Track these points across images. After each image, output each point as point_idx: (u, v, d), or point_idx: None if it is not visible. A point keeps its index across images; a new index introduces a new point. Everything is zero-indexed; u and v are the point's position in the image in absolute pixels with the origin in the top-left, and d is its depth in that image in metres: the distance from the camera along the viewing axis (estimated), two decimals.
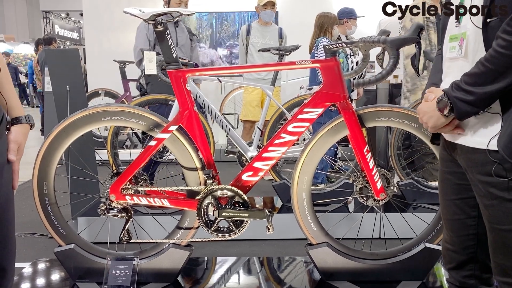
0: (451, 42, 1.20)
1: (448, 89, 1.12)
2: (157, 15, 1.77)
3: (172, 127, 1.82)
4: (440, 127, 1.18)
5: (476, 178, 1.12)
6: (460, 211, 1.26)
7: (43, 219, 1.90)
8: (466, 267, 1.30)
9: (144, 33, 3.23)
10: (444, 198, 1.31)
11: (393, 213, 2.31)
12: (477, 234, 1.25)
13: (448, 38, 1.23)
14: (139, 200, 1.87)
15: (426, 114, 1.21)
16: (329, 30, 3.79)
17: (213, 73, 2.22)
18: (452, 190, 1.27)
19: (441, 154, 1.32)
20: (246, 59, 4.39)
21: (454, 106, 1.09)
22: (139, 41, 3.26)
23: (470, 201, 1.23)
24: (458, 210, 1.27)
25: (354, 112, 1.78)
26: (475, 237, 1.26)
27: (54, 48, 6.87)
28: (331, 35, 3.78)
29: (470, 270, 1.29)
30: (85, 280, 1.91)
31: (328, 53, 1.75)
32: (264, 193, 3.51)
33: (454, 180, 1.26)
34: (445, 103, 1.11)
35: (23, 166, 1.17)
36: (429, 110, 1.19)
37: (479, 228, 1.23)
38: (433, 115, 1.17)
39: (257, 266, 2.19)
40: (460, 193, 1.25)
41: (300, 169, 1.85)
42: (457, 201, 1.26)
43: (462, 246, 1.28)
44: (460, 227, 1.28)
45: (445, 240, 1.35)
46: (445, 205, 1.31)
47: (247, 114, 4.44)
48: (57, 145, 1.85)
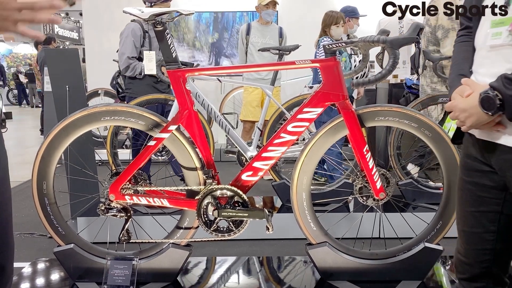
0: (496, 27, 1.04)
1: (497, 83, 0.99)
2: (157, 15, 1.77)
3: (171, 127, 1.82)
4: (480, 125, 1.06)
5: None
6: (478, 224, 1.17)
7: (42, 219, 1.89)
8: (479, 280, 1.21)
9: (131, 40, 3.21)
10: (462, 208, 1.22)
11: (392, 212, 2.31)
12: (494, 250, 1.16)
13: (490, 24, 1.07)
14: (138, 200, 1.87)
15: (464, 112, 1.06)
16: (327, 29, 3.77)
17: (213, 72, 2.22)
18: (472, 201, 1.17)
19: (464, 162, 1.20)
20: (245, 58, 4.39)
21: (506, 105, 0.96)
22: (126, 48, 3.22)
23: (490, 215, 1.14)
24: (476, 223, 1.17)
25: (354, 112, 1.78)
26: (492, 252, 1.16)
27: (54, 48, 6.87)
28: (330, 34, 3.76)
29: (483, 283, 1.21)
30: (84, 280, 1.91)
31: (327, 53, 1.75)
32: (264, 193, 3.51)
33: (476, 192, 1.16)
34: (492, 100, 0.98)
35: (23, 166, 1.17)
36: (469, 107, 1.05)
37: (497, 243, 1.15)
38: (474, 113, 1.03)
39: (256, 266, 2.19)
40: (481, 206, 1.15)
41: (300, 169, 1.85)
42: (476, 213, 1.17)
43: (477, 260, 1.19)
44: (476, 240, 1.18)
45: (458, 251, 1.26)
46: (462, 216, 1.22)
47: (247, 114, 4.43)
48: (56, 145, 1.85)
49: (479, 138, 1.12)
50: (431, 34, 3.35)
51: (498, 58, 1.04)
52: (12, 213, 1.15)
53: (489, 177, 1.12)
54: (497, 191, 1.12)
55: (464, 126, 1.09)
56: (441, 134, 1.81)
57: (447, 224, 1.88)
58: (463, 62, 1.18)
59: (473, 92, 1.05)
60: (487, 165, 1.12)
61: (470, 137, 1.17)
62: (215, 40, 6.19)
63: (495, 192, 1.12)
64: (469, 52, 1.16)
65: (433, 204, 2.76)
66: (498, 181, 1.10)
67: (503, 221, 1.13)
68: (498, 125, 1.04)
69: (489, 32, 1.07)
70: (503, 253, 1.15)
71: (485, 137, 1.10)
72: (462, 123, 1.09)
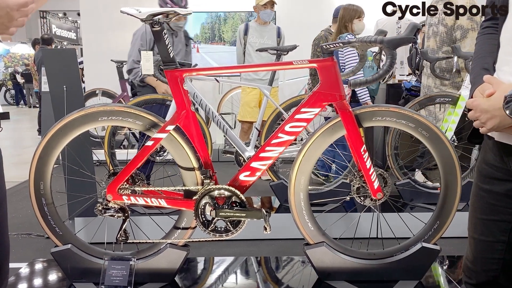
0: None
1: None
2: (154, 15, 1.77)
3: (169, 127, 1.82)
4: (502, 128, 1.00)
5: None
6: (489, 232, 1.13)
7: (39, 219, 1.89)
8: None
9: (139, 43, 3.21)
10: (473, 214, 1.18)
11: (390, 212, 2.32)
12: (503, 260, 1.12)
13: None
14: (136, 200, 1.86)
15: (486, 113, 1.00)
16: (348, 24, 3.48)
17: (211, 73, 2.22)
18: (484, 209, 1.14)
19: (480, 167, 1.16)
20: (243, 59, 4.38)
21: None
22: (133, 51, 3.24)
23: (501, 225, 1.10)
24: (486, 231, 1.14)
25: (351, 112, 1.79)
26: (500, 261, 1.12)
27: (51, 48, 6.86)
28: (352, 30, 3.48)
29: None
30: (82, 280, 1.91)
31: (325, 53, 1.75)
32: (262, 193, 3.51)
33: (489, 200, 1.12)
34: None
35: (20, 166, 1.16)
36: (492, 109, 0.98)
37: (506, 254, 1.11)
38: (496, 116, 0.97)
39: (254, 266, 2.19)
40: (493, 214, 1.11)
41: (298, 169, 1.85)
42: (487, 221, 1.13)
43: (484, 268, 1.16)
44: (485, 248, 1.15)
45: (466, 256, 1.23)
46: (473, 223, 1.19)
47: (245, 115, 4.43)
48: (54, 145, 1.84)
49: (498, 140, 1.06)
50: (446, 35, 3.35)
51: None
52: (9, 214, 1.15)
53: (504, 186, 1.08)
54: (510, 201, 1.08)
55: (484, 128, 1.03)
56: (438, 134, 1.82)
57: (444, 224, 1.88)
58: (488, 55, 1.12)
59: (496, 92, 0.99)
60: (505, 171, 1.08)
61: (489, 140, 1.12)
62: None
63: (509, 201, 1.08)
64: (494, 46, 1.09)
65: (430, 204, 2.76)
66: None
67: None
68: None
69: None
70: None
71: (505, 140, 1.04)
72: (482, 124, 1.03)
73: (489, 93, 1.00)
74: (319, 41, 3.99)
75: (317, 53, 3.98)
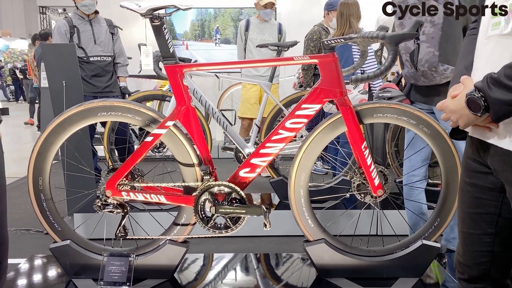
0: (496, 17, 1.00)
1: (481, 84, 0.96)
2: (154, 9, 1.76)
3: (169, 123, 1.81)
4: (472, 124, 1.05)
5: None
6: (476, 226, 1.16)
7: (38, 215, 1.88)
8: (478, 283, 1.19)
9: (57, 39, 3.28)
10: (461, 209, 1.21)
11: (390, 210, 2.31)
12: (492, 252, 1.14)
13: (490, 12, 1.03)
14: (135, 196, 1.86)
15: (454, 114, 1.06)
16: (352, 21, 3.26)
17: (211, 68, 2.21)
18: (470, 202, 1.17)
19: (464, 162, 1.19)
20: (244, 55, 4.37)
21: (490, 107, 0.94)
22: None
23: (488, 217, 1.13)
24: (474, 224, 1.16)
25: (352, 109, 1.77)
26: (489, 254, 1.15)
27: (50, 43, 6.83)
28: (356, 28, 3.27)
29: (482, 285, 1.19)
30: (81, 276, 1.90)
31: (326, 49, 1.73)
32: (262, 189, 3.51)
33: (474, 193, 1.15)
34: (477, 102, 0.96)
35: (19, 161, 1.16)
36: (457, 109, 1.04)
37: (494, 246, 1.13)
38: (463, 114, 1.03)
39: (254, 263, 2.19)
40: (479, 207, 1.14)
41: (298, 166, 1.84)
42: (474, 215, 1.16)
43: (474, 262, 1.18)
44: (473, 241, 1.17)
45: (458, 251, 1.25)
46: (461, 217, 1.21)
47: (245, 111, 4.42)
48: (52, 141, 1.83)
49: (472, 136, 1.11)
50: None
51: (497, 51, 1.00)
52: (8, 209, 1.14)
53: (487, 179, 1.11)
54: (494, 193, 1.11)
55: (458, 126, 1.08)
56: (440, 131, 1.81)
57: (445, 222, 1.88)
58: (468, 54, 1.15)
59: (462, 92, 1.03)
60: (485, 165, 1.11)
61: (469, 137, 1.15)
62: None
63: (492, 194, 1.11)
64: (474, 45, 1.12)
65: (431, 202, 2.76)
66: (496, 182, 1.09)
67: (501, 224, 1.12)
68: (492, 123, 1.00)
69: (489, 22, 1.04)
70: (502, 256, 1.13)
71: (477, 135, 1.08)
72: (454, 123, 1.09)
73: (454, 94, 1.07)
74: (312, 36, 3.98)
75: (310, 47, 3.97)
